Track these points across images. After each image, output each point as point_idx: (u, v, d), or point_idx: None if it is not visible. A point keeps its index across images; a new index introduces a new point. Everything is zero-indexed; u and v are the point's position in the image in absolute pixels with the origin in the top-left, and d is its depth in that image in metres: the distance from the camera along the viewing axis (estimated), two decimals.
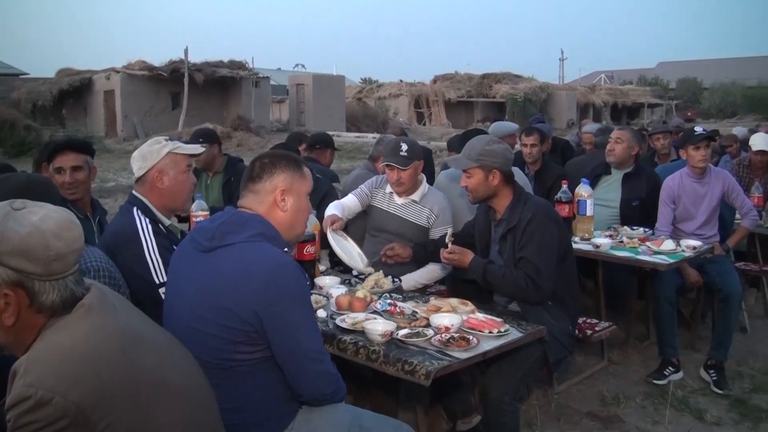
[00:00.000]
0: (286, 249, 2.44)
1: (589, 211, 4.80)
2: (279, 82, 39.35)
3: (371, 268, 3.81)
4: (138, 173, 3.08)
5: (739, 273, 5.32)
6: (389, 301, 3.31)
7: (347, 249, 3.89)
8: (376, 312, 3.17)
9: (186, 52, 28.04)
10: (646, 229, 4.95)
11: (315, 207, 2.87)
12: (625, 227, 5.03)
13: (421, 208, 4.22)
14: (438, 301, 3.37)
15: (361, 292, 3.35)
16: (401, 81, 42.01)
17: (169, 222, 3.14)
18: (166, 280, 2.88)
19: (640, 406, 4.24)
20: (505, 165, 3.55)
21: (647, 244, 4.61)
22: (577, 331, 3.91)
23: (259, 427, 2.30)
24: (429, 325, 2.99)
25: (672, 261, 4.39)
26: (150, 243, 2.94)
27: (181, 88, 27.98)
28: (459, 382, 3.61)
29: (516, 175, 3.83)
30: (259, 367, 2.25)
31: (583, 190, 4.80)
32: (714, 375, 4.53)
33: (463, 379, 3.62)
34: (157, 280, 2.91)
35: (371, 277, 3.66)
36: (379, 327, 2.88)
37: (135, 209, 3.02)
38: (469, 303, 3.28)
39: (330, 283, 3.65)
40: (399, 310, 3.16)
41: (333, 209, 4.12)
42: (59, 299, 1.69)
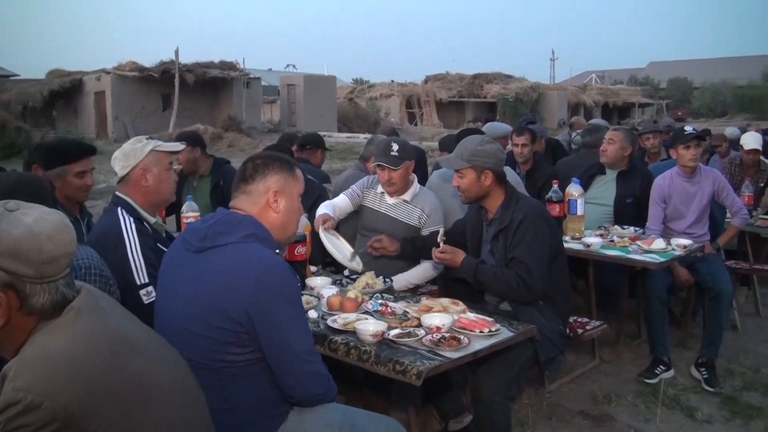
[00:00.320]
0: (278, 250, 2.44)
1: (579, 211, 4.82)
2: (270, 83, 39.27)
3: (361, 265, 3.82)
4: (121, 173, 3.07)
5: (729, 271, 5.36)
6: (380, 301, 3.31)
7: (339, 247, 3.89)
8: (367, 312, 3.17)
9: (177, 52, 27.94)
10: (637, 228, 4.97)
11: (307, 210, 2.87)
12: (616, 226, 5.05)
13: (413, 208, 4.22)
14: (429, 300, 3.37)
15: (352, 292, 3.35)
16: (393, 81, 41.97)
17: (154, 220, 3.14)
18: (147, 281, 2.89)
19: (632, 405, 4.24)
20: (497, 165, 3.56)
21: (638, 243, 4.63)
22: (568, 330, 3.91)
23: (250, 428, 2.30)
24: (420, 325, 2.99)
25: (662, 260, 4.41)
26: (133, 243, 2.93)
27: (172, 89, 27.86)
28: (450, 382, 3.61)
29: (508, 174, 3.84)
30: (250, 368, 2.25)
31: (574, 190, 4.82)
32: (705, 373, 4.55)
33: (454, 378, 3.62)
34: (138, 281, 2.90)
35: (362, 278, 3.66)
36: (370, 327, 2.88)
37: (119, 209, 3.02)
38: (461, 303, 3.28)
39: (321, 284, 3.64)
40: (390, 310, 3.16)
41: (324, 209, 4.12)
42: (50, 302, 1.68)
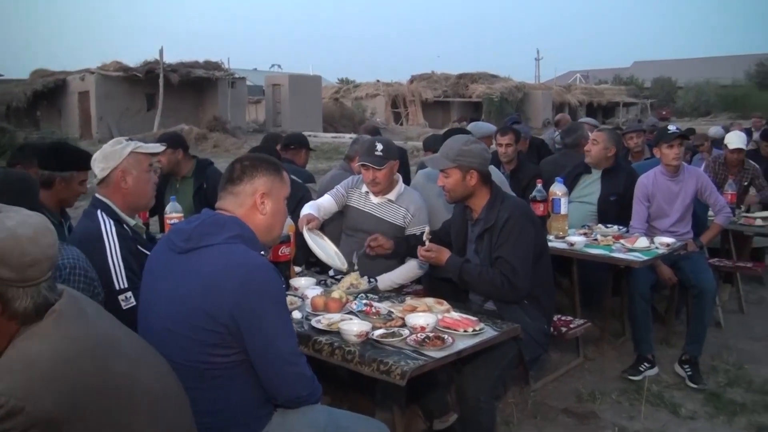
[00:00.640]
0: (263, 252, 2.43)
1: (563, 210, 4.84)
2: (255, 83, 39.10)
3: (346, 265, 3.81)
4: (101, 175, 3.05)
5: (712, 269, 5.40)
6: (365, 301, 3.31)
7: (324, 247, 3.88)
8: (351, 312, 3.17)
9: (161, 52, 27.78)
10: (621, 227, 4.99)
11: (291, 211, 2.87)
12: (600, 225, 5.07)
13: (397, 207, 4.23)
14: (414, 300, 3.37)
15: (336, 292, 3.34)
16: (378, 81, 41.96)
17: (134, 222, 3.12)
18: (126, 286, 2.87)
19: (616, 402, 4.27)
20: (482, 165, 3.57)
21: (621, 241, 4.65)
22: (552, 329, 3.93)
23: (234, 429, 2.29)
24: (405, 325, 2.99)
25: (646, 258, 4.43)
26: (113, 247, 2.91)
27: (157, 89, 27.68)
28: (435, 382, 3.61)
29: (493, 174, 3.85)
30: (234, 369, 2.24)
31: (558, 189, 4.84)
32: (689, 370, 4.58)
33: (439, 378, 3.62)
34: (117, 285, 2.88)
35: (347, 278, 3.66)
36: (354, 327, 2.88)
37: (99, 212, 3.00)
38: (445, 302, 3.28)
39: (305, 284, 3.63)
40: (375, 310, 3.16)
41: (309, 209, 4.11)
42: (32, 305, 1.66)
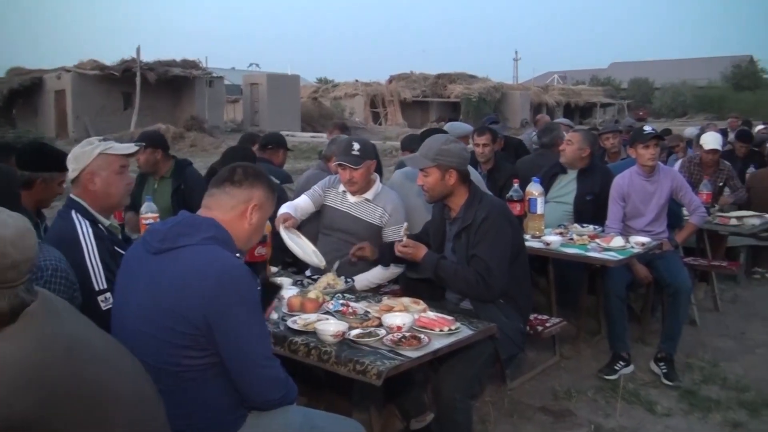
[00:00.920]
0: (238, 254, 2.42)
1: (539, 210, 4.86)
2: (233, 82, 38.91)
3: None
4: (71, 175, 3.03)
5: (688, 268, 5.46)
6: (342, 301, 3.31)
7: (301, 245, 3.87)
8: (328, 312, 3.16)
9: (138, 51, 27.59)
10: (596, 227, 5.02)
11: None
12: (576, 224, 5.10)
13: (375, 206, 4.22)
14: (390, 300, 3.37)
15: (313, 292, 3.34)
16: (357, 81, 41.99)
17: (108, 222, 3.09)
18: (105, 287, 2.84)
19: (592, 400, 4.29)
20: (461, 164, 3.58)
21: (597, 241, 4.68)
22: (528, 328, 3.95)
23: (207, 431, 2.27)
24: (381, 325, 2.99)
25: (621, 257, 4.46)
26: (91, 248, 2.88)
27: (134, 87, 27.51)
28: (412, 381, 3.61)
29: (471, 174, 3.86)
30: (207, 372, 2.23)
31: (534, 189, 4.86)
32: (664, 367, 4.61)
33: (416, 377, 3.62)
34: (96, 286, 2.85)
35: (324, 278, 3.65)
36: (330, 327, 2.87)
37: (73, 212, 2.96)
38: (421, 302, 3.29)
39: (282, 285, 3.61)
40: (351, 310, 3.16)
41: (286, 209, 4.10)
42: (8, 308, 1.64)
